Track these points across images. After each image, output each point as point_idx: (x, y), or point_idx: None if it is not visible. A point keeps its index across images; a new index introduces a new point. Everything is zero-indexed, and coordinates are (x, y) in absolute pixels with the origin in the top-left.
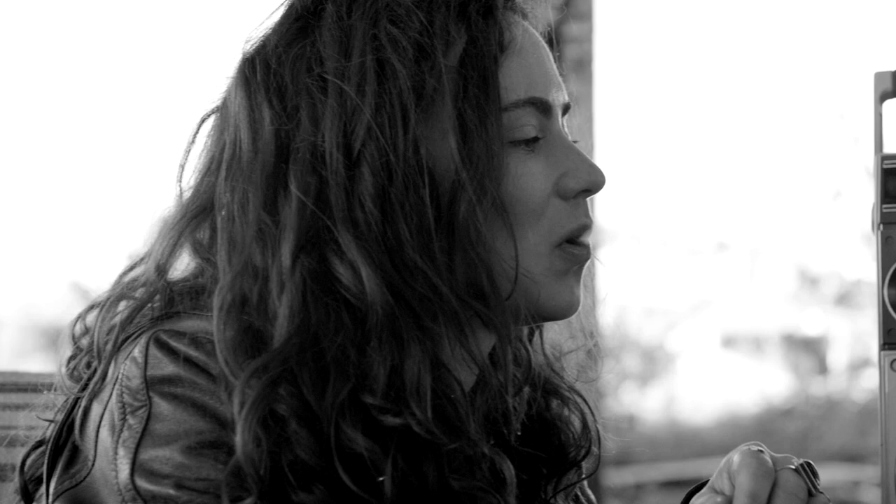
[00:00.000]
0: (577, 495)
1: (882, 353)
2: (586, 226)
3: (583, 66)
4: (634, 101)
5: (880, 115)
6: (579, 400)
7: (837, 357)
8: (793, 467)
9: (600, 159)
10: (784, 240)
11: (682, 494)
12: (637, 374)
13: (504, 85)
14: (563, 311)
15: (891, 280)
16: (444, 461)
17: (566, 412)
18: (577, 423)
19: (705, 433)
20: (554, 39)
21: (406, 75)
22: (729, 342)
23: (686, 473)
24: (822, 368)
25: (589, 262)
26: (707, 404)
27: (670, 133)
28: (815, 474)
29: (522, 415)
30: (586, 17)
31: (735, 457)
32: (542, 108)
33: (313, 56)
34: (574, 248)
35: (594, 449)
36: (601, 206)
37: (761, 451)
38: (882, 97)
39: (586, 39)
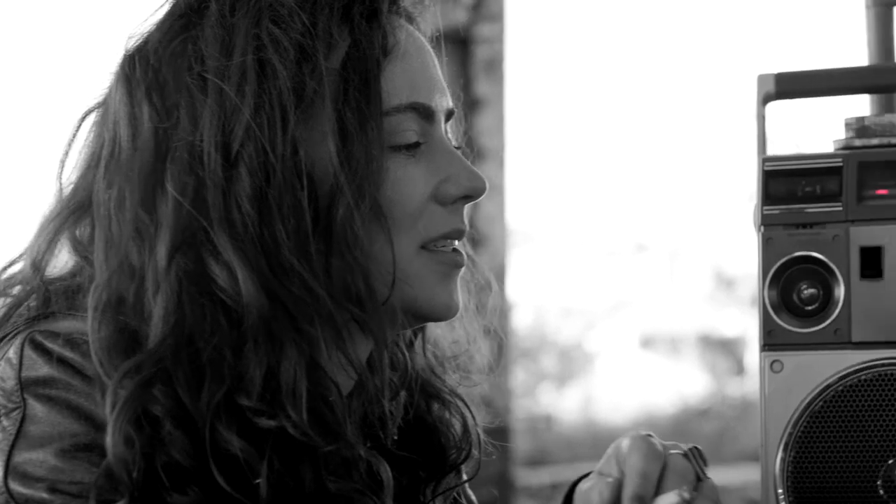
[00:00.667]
0: (455, 498)
1: (762, 354)
2: (460, 230)
3: (494, 67)
4: (546, 101)
5: (763, 116)
6: (460, 404)
7: (754, 358)
8: (681, 452)
9: (511, 159)
10: (701, 241)
11: None
12: (555, 374)
13: (386, 89)
14: (440, 314)
15: (771, 281)
16: (321, 463)
17: (447, 415)
18: (458, 426)
19: (622, 433)
20: (442, 43)
21: (286, 76)
22: (647, 343)
23: None
24: (739, 369)
25: (502, 268)
26: (624, 404)
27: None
28: (703, 460)
29: (399, 418)
30: (497, 17)
31: (624, 442)
32: (425, 113)
33: (195, 54)
34: (445, 250)
35: (474, 452)
36: (517, 207)
37: (650, 436)
38: (765, 99)
39: (497, 40)
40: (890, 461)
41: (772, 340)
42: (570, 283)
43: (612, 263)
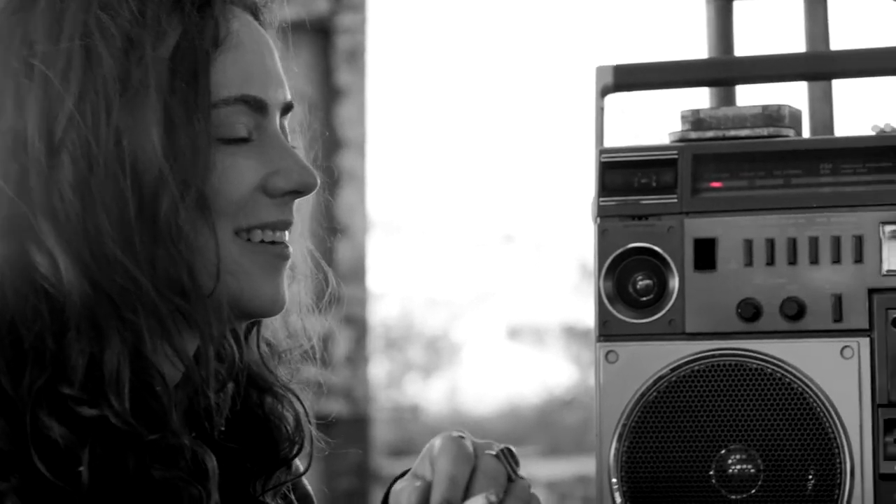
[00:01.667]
0: (284, 493)
1: (597, 344)
2: (285, 222)
3: (355, 57)
4: (407, 91)
5: (601, 108)
6: (293, 398)
7: None
8: (493, 453)
9: (373, 149)
10: (567, 232)
11: None
12: (421, 364)
13: (216, 80)
14: (265, 309)
15: (607, 272)
16: (146, 451)
17: (280, 409)
18: (290, 420)
19: (488, 423)
20: (289, 35)
21: (112, 65)
22: (513, 333)
23: None
24: None
25: (362, 258)
26: (490, 395)
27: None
28: (515, 460)
29: (227, 410)
30: (359, 7)
31: (436, 442)
32: (257, 106)
33: (23, 37)
34: (268, 242)
35: (306, 447)
36: (379, 197)
37: (462, 437)
38: (603, 91)
39: (359, 30)
40: (722, 451)
41: (607, 331)
42: (436, 274)
43: (478, 254)
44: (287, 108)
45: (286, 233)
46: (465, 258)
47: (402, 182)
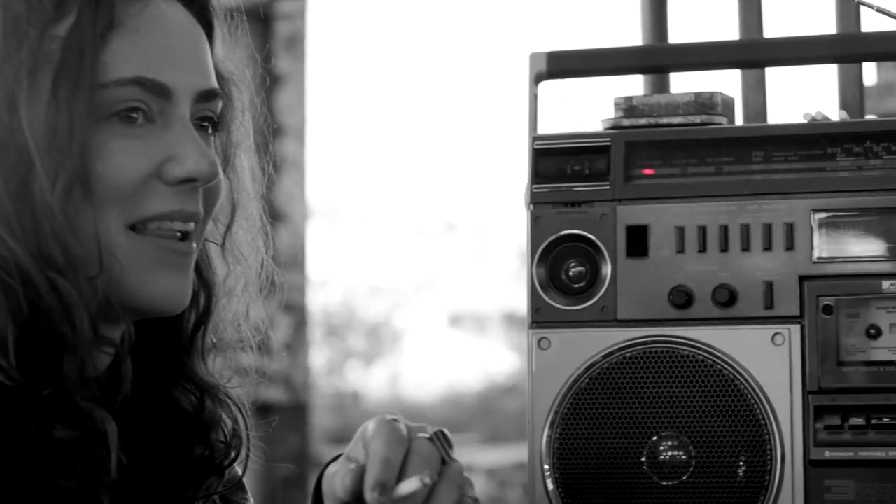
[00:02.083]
0: (214, 501)
1: (530, 331)
2: (184, 213)
3: (295, 43)
4: (348, 78)
5: (535, 95)
6: (233, 405)
7: None
8: (427, 436)
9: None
10: (509, 220)
11: None
12: (362, 351)
13: (109, 61)
14: (156, 307)
15: (539, 259)
16: (48, 412)
17: (219, 414)
18: (228, 426)
19: (429, 411)
20: (220, 20)
21: (8, 40)
22: (455, 321)
23: None
24: None
25: (302, 245)
26: (431, 382)
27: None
28: (449, 443)
29: (128, 382)
30: None
31: (370, 425)
32: (155, 89)
33: None
34: (164, 234)
35: (243, 454)
36: (320, 184)
37: (396, 421)
38: (537, 78)
39: (299, 16)
40: (654, 438)
41: (540, 318)
42: (378, 262)
43: (421, 242)
44: (206, 96)
45: (191, 224)
46: (408, 246)
47: (343, 169)
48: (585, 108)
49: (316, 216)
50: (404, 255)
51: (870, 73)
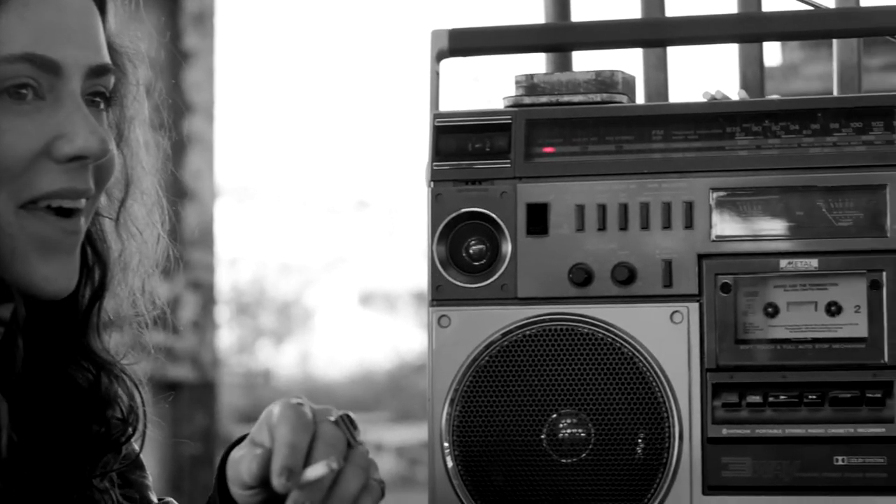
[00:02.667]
0: (112, 478)
1: (430, 309)
2: (73, 190)
3: (203, 20)
4: (257, 55)
5: (437, 73)
6: (130, 382)
7: None
8: (332, 419)
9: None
10: (420, 198)
11: None
12: (273, 330)
13: None
14: (42, 290)
15: (440, 237)
16: None
17: (116, 390)
18: (125, 403)
19: (339, 388)
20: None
21: None
22: (365, 300)
23: None
24: None
25: (210, 223)
26: (342, 360)
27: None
28: (354, 427)
29: (20, 359)
30: None
31: (275, 409)
32: (45, 65)
33: None
34: (51, 213)
35: (140, 430)
36: (234, 162)
37: (301, 404)
38: (438, 56)
39: None
40: (554, 415)
41: (440, 296)
42: (289, 240)
43: (332, 220)
44: (98, 72)
45: (81, 201)
46: (319, 224)
47: (253, 147)
48: (500, 87)
49: (226, 194)
50: (315, 233)
51: (774, 54)
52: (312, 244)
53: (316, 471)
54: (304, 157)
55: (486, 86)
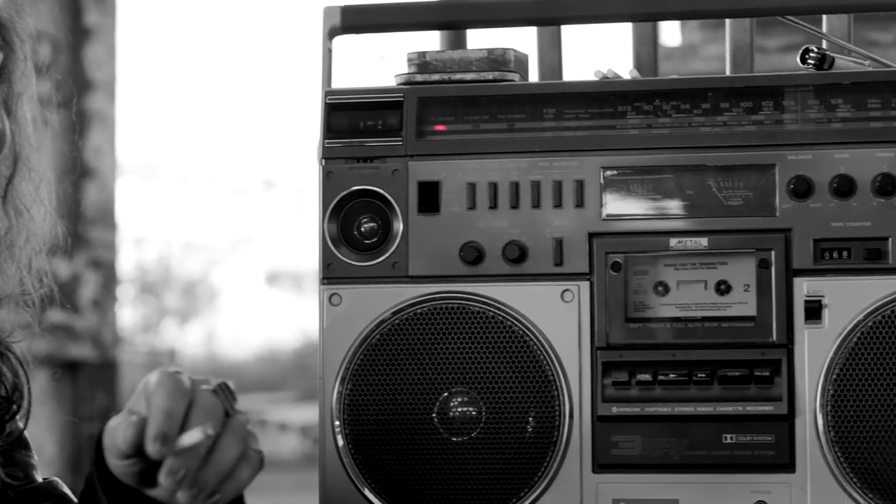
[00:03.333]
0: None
1: (321, 287)
2: None
3: None
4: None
5: (329, 50)
6: (13, 358)
7: None
8: (210, 387)
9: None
10: None
11: None
12: (178, 309)
13: None
14: None
15: (332, 214)
16: None
17: (0, 367)
18: (9, 380)
19: (244, 368)
20: None
21: None
22: (272, 279)
23: None
24: None
25: (111, 201)
26: (248, 340)
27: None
28: (233, 395)
29: None
30: None
31: (152, 378)
32: None
33: None
34: None
35: (24, 408)
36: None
37: (179, 373)
38: (331, 33)
39: None
40: (445, 394)
41: (331, 274)
42: (195, 219)
43: (238, 199)
44: None
45: None
46: (225, 203)
47: (158, 125)
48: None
49: (131, 173)
50: (221, 212)
51: (674, 34)
52: (219, 223)
53: (191, 437)
54: (210, 136)
55: (393, 65)
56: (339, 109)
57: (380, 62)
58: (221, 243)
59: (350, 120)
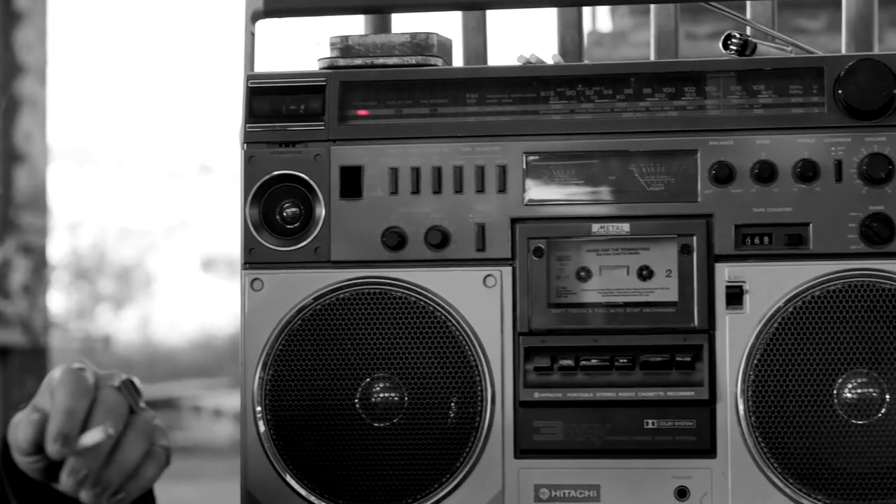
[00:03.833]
0: None
1: (243, 272)
2: None
3: None
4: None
5: (252, 34)
6: None
7: None
8: (115, 384)
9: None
10: None
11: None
12: (113, 295)
13: None
14: None
15: (253, 199)
16: None
17: None
18: None
19: (179, 354)
20: None
21: None
22: (208, 264)
23: (159, 394)
24: None
25: (42, 186)
26: (183, 326)
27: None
28: (138, 392)
29: None
30: None
31: (55, 374)
32: None
33: None
34: None
35: None
36: (73, 125)
37: (83, 369)
38: (254, 17)
39: None
40: (367, 379)
41: (252, 259)
42: (130, 204)
43: (174, 184)
44: None
45: None
46: (160, 188)
47: (92, 110)
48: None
49: (64, 157)
50: (157, 197)
51: (605, 20)
52: (154, 209)
53: (92, 437)
54: (145, 121)
55: (328, 50)
56: (261, 94)
57: (315, 48)
58: (157, 229)
59: (272, 104)
